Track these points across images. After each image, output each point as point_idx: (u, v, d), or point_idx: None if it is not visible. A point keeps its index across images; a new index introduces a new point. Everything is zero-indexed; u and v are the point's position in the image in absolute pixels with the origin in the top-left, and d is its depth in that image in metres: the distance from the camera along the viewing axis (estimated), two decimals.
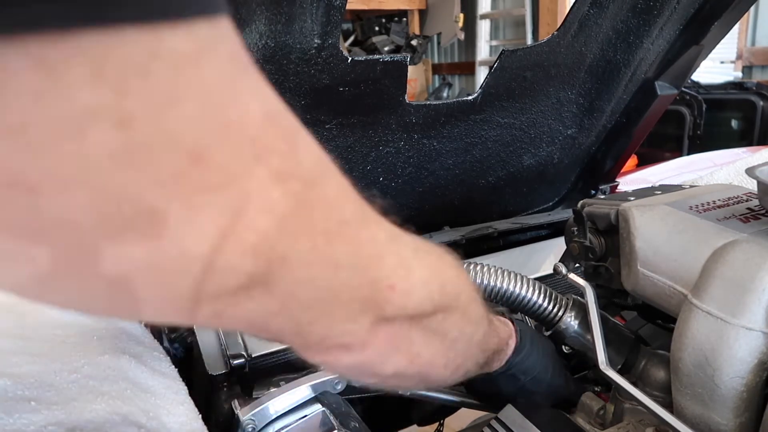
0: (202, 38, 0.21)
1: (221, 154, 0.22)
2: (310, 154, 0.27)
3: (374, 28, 5.52)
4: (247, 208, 0.23)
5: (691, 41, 1.10)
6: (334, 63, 0.78)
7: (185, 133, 0.20)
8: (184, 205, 0.21)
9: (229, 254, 0.23)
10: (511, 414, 0.64)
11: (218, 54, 0.21)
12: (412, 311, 0.36)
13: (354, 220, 0.31)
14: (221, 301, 0.25)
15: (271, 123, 0.24)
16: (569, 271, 0.72)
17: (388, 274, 0.33)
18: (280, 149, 0.25)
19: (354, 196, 0.31)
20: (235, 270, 0.24)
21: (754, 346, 0.51)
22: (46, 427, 0.51)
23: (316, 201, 0.27)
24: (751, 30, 3.48)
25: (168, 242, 0.21)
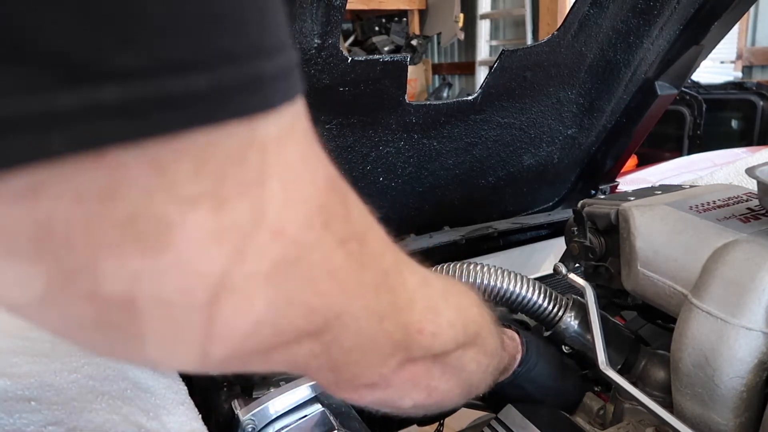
0: (286, 121, 0.22)
1: (296, 227, 0.23)
2: (358, 210, 0.29)
3: (374, 28, 5.52)
4: (316, 276, 0.25)
5: (691, 41, 1.10)
6: (334, 63, 0.78)
7: (269, 211, 0.22)
8: (263, 278, 0.23)
9: (293, 318, 0.25)
10: (511, 414, 0.64)
11: (297, 132, 0.23)
12: (437, 351, 0.37)
13: (392, 269, 0.32)
14: (275, 351, 0.26)
15: (332, 188, 0.26)
16: (569, 271, 0.72)
17: (419, 318, 0.35)
18: (339, 213, 0.27)
19: (389, 242, 0.33)
20: (295, 330, 0.26)
21: (754, 346, 0.51)
22: (46, 427, 0.51)
23: (368, 258, 0.29)
24: (751, 30, 3.48)
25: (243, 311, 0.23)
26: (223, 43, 0.19)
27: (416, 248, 1.08)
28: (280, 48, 0.21)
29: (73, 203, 0.18)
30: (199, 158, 0.19)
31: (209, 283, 0.21)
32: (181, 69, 0.18)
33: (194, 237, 0.20)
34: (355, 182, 0.31)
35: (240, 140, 0.20)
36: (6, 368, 0.58)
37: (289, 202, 0.23)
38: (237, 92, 0.19)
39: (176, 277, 0.20)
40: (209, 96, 0.18)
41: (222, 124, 0.19)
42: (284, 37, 0.22)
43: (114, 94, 0.16)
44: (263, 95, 0.20)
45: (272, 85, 0.21)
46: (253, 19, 0.20)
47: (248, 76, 0.20)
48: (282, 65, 0.21)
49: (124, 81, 0.16)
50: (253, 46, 0.20)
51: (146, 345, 0.22)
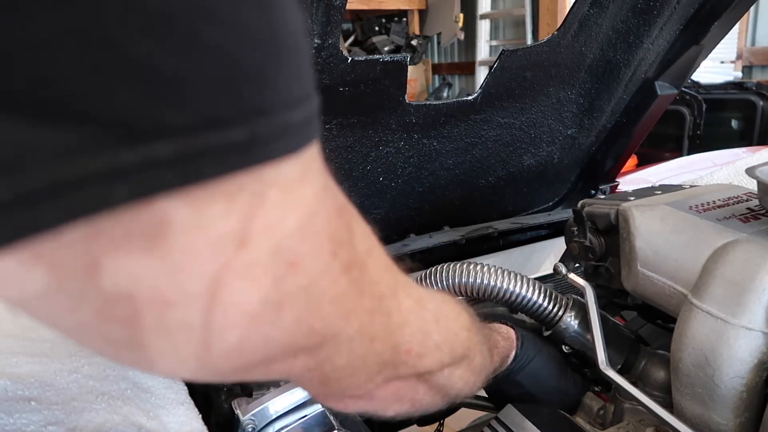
0: (305, 162, 0.24)
1: (309, 259, 0.26)
2: (361, 235, 0.31)
3: (374, 28, 5.52)
4: (321, 301, 0.27)
5: (691, 41, 1.10)
6: (334, 63, 0.78)
7: (287, 245, 0.24)
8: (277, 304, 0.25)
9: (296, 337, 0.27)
10: (511, 414, 0.64)
11: (313, 171, 0.25)
12: (422, 371, 0.39)
13: (388, 292, 0.34)
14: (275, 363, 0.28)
15: (340, 216, 0.28)
16: (569, 271, 0.72)
17: (408, 339, 0.36)
18: (345, 240, 0.29)
19: (388, 264, 0.35)
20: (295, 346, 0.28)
21: (754, 346, 0.51)
22: (46, 427, 0.51)
23: (367, 283, 0.31)
24: (751, 30, 3.48)
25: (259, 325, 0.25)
26: (257, 99, 0.21)
27: (416, 248, 1.08)
28: (306, 97, 0.24)
29: (122, 245, 0.20)
30: (229, 198, 0.22)
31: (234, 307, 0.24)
32: (221, 124, 0.20)
33: (221, 272, 0.22)
34: (355, 182, 0.31)
35: (265, 182, 0.23)
36: (6, 368, 0.58)
37: (304, 236, 0.25)
38: (268, 141, 0.22)
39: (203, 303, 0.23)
40: (245, 146, 0.21)
41: (253, 169, 0.22)
42: (310, 86, 0.24)
43: (167, 149, 0.19)
44: (289, 141, 0.23)
45: (297, 132, 0.23)
46: (283, 75, 0.22)
47: (278, 126, 0.22)
48: (307, 113, 0.24)
49: (174, 137, 0.19)
50: (283, 99, 0.22)
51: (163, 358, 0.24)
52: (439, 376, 0.42)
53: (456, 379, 0.44)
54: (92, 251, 0.20)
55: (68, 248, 0.20)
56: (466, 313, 0.46)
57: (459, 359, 0.44)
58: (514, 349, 0.65)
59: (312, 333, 0.28)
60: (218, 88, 0.20)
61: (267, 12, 0.21)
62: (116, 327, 0.23)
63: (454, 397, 0.46)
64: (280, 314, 0.25)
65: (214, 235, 0.22)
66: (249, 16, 0.20)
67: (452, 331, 0.43)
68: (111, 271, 0.21)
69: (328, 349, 0.30)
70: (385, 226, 1.13)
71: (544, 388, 0.66)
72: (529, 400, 0.66)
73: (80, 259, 0.20)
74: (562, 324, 0.69)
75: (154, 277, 0.21)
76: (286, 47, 0.22)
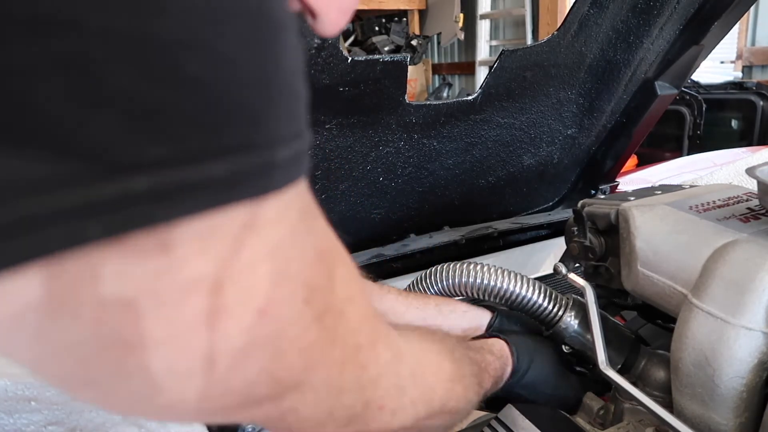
0: (284, 203, 0.23)
1: (279, 306, 0.24)
2: (344, 280, 0.29)
3: (374, 28, 5.52)
4: (288, 351, 0.26)
5: (691, 41, 1.10)
6: (334, 63, 0.78)
7: (258, 292, 0.23)
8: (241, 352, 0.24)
9: (258, 386, 0.26)
10: (511, 414, 0.64)
11: (293, 213, 0.24)
12: (396, 427, 0.37)
13: (366, 343, 0.32)
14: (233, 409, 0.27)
15: (320, 261, 0.27)
16: (569, 271, 0.72)
17: (381, 395, 0.35)
18: (323, 286, 0.27)
19: (370, 314, 0.33)
20: (257, 396, 0.26)
21: (754, 346, 0.51)
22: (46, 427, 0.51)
23: (342, 332, 0.29)
24: (751, 30, 3.48)
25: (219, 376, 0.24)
26: (241, 135, 0.20)
27: (416, 248, 1.08)
28: (295, 135, 0.23)
29: (90, 283, 0.19)
30: (202, 240, 0.21)
31: (195, 356, 0.23)
32: (201, 158, 0.19)
33: (188, 317, 0.21)
34: (355, 182, 0.31)
35: (241, 223, 0.22)
36: (6, 368, 0.58)
37: (277, 282, 0.24)
38: (249, 178, 0.21)
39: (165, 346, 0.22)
40: (224, 182, 0.20)
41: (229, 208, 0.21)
42: (301, 125, 0.23)
43: (143, 183, 0.18)
44: (271, 180, 0.22)
45: (281, 170, 0.22)
46: (272, 112, 0.21)
47: (261, 164, 0.21)
48: (294, 151, 0.23)
49: (152, 171, 0.18)
50: (269, 136, 0.21)
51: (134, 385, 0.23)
52: (413, 429, 0.40)
53: (432, 428, 0.43)
54: (64, 288, 0.19)
55: (39, 285, 0.19)
56: (448, 362, 0.45)
57: (437, 412, 0.42)
58: (509, 366, 0.63)
59: (275, 383, 0.27)
60: (198, 121, 0.19)
61: (259, 49, 0.21)
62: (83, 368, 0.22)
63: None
64: (244, 364, 0.24)
65: (187, 279, 0.21)
66: (238, 51, 0.20)
67: (429, 386, 0.41)
68: (83, 310, 0.20)
69: (292, 399, 0.28)
70: (385, 226, 1.13)
71: (542, 394, 0.66)
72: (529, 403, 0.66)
73: (52, 295, 0.19)
74: (562, 324, 0.69)
75: (124, 320, 0.20)
76: (278, 86, 0.22)
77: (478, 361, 0.57)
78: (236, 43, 0.19)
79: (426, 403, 0.40)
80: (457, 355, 0.48)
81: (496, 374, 0.61)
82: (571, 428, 0.66)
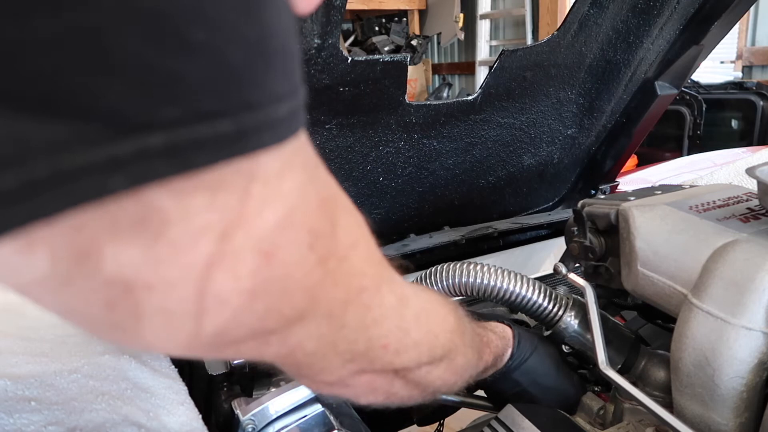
0: (286, 155, 0.25)
1: (284, 250, 0.26)
2: (347, 227, 0.31)
3: (374, 28, 5.52)
4: (293, 290, 0.28)
5: (691, 41, 1.10)
6: (334, 63, 0.78)
7: (265, 238, 0.25)
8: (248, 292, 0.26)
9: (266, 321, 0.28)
10: (511, 414, 0.64)
11: (295, 164, 0.26)
12: (398, 367, 0.40)
13: (371, 286, 0.34)
14: (244, 344, 0.29)
15: (322, 209, 0.29)
16: (569, 271, 0.72)
17: (385, 334, 0.37)
18: (326, 232, 0.29)
19: (376, 259, 0.35)
20: (265, 330, 0.29)
21: (754, 346, 0.51)
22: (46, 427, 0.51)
23: (344, 275, 0.32)
24: (751, 30, 3.48)
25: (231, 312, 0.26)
26: (243, 94, 0.22)
27: (416, 248, 1.08)
28: (292, 91, 0.24)
29: (115, 233, 0.21)
30: (211, 191, 0.23)
31: (208, 296, 0.25)
32: (210, 117, 0.21)
33: (197, 261, 0.23)
34: (355, 182, 0.32)
35: (244, 174, 0.23)
36: (6, 368, 0.58)
37: (282, 228, 0.26)
38: (255, 133, 0.23)
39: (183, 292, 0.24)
40: (233, 137, 0.22)
41: (235, 161, 0.22)
42: (296, 82, 0.25)
43: (160, 140, 0.20)
44: (274, 134, 0.24)
45: (281, 124, 0.24)
46: (270, 73, 0.23)
47: (265, 120, 0.23)
48: (291, 106, 0.24)
49: (166, 129, 0.20)
50: (268, 94, 0.23)
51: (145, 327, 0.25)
52: (416, 373, 0.42)
53: (434, 378, 0.45)
54: (88, 239, 0.21)
55: (66, 236, 0.21)
56: (452, 315, 0.47)
57: (438, 359, 0.44)
58: (510, 347, 0.64)
59: (281, 318, 0.29)
60: (208, 84, 0.21)
61: (256, 14, 0.22)
62: (108, 309, 0.24)
63: (431, 393, 0.47)
64: (253, 302, 0.26)
65: (197, 226, 0.23)
66: (238, 18, 0.21)
67: (433, 331, 0.43)
68: (105, 257, 0.22)
69: (298, 334, 0.31)
70: (385, 226, 1.13)
71: (540, 386, 0.66)
72: (527, 399, 0.66)
73: (77, 245, 0.21)
74: (562, 324, 0.69)
75: (141, 264, 0.22)
76: (274, 47, 0.23)
77: (480, 333, 0.58)
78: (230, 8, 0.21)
79: (429, 347, 0.42)
80: (460, 313, 0.49)
81: (497, 352, 0.62)
82: (571, 428, 0.66)
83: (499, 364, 0.63)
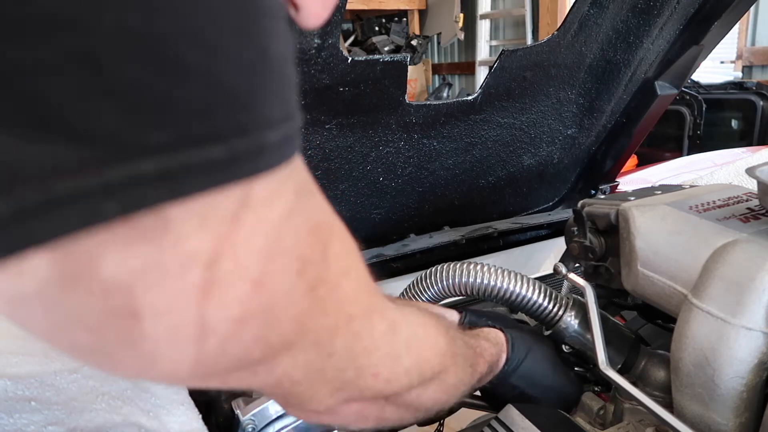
0: (278, 181, 0.25)
1: (274, 279, 0.26)
2: (339, 254, 0.30)
3: (374, 28, 5.52)
4: (281, 318, 0.27)
5: (691, 41, 1.10)
6: (334, 63, 0.78)
7: (253, 265, 0.25)
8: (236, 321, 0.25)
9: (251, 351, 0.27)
10: (511, 414, 0.64)
11: (287, 190, 0.26)
12: (388, 393, 0.39)
13: (360, 315, 0.34)
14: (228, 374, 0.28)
15: (314, 235, 0.28)
16: (569, 271, 0.72)
17: (375, 363, 0.36)
18: (316, 260, 0.28)
19: (367, 287, 0.34)
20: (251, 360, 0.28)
21: (754, 346, 0.51)
22: (46, 427, 0.51)
23: (334, 303, 0.31)
24: (751, 30, 3.48)
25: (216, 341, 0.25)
26: (236, 119, 0.22)
27: (416, 248, 1.08)
28: (286, 117, 0.24)
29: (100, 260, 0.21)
30: (201, 216, 0.22)
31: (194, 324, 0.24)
32: (202, 142, 0.21)
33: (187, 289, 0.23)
34: (355, 182, 0.31)
35: (236, 201, 0.23)
36: (6, 368, 0.58)
37: (270, 255, 0.25)
38: (244, 159, 0.22)
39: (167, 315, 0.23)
40: (224, 163, 0.21)
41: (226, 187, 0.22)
42: (292, 107, 0.25)
43: (152, 165, 0.19)
44: (263, 160, 0.23)
45: (273, 150, 0.23)
46: (265, 98, 0.23)
47: (254, 146, 0.22)
48: (285, 132, 0.24)
49: (157, 154, 0.20)
50: (262, 119, 0.23)
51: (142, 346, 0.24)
52: (406, 397, 0.41)
53: (425, 399, 0.44)
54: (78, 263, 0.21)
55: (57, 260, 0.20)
56: (443, 337, 0.46)
57: (429, 379, 0.43)
58: (505, 353, 0.64)
59: (267, 347, 0.28)
60: (201, 109, 0.20)
61: (255, 38, 0.22)
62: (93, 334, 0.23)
63: (423, 414, 0.46)
64: (240, 331, 0.26)
65: (187, 252, 0.22)
66: (234, 43, 0.21)
67: (423, 356, 0.42)
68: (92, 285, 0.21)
69: (285, 364, 0.30)
70: (385, 226, 1.13)
71: (539, 386, 0.66)
72: (526, 400, 0.66)
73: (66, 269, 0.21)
74: (562, 324, 0.69)
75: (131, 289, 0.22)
76: (270, 71, 0.23)
77: (473, 345, 0.58)
78: (228, 33, 0.21)
79: (419, 372, 0.41)
80: (451, 333, 0.49)
81: (491, 359, 0.62)
82: (571, 428, 0.66)
83: (494, 371, 0.63)
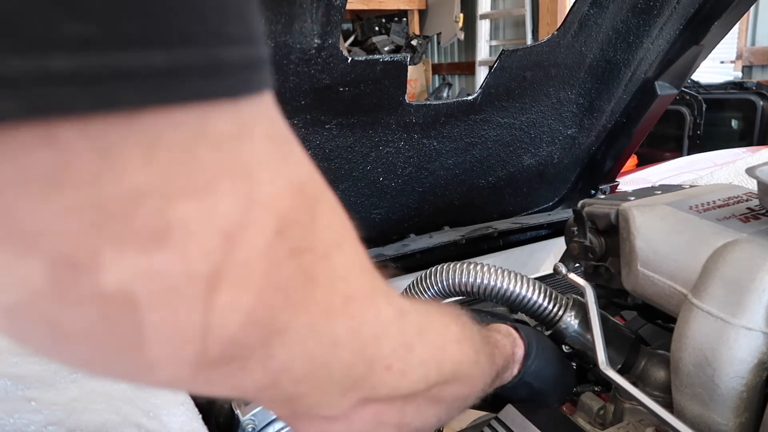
0: (244, 117, 0.21)
1: (248, 234, 0.22)
2: (328, 223, 0.27)
3: (374, 28, 5.52)
4: (262, 285, 0.23)
5: (691, 41, 1.10)
6: (334, 63, 0.78)
7: (218, 213, 0.21)
8: (206, 281, 0.22)
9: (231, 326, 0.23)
10: (511, 414, 0.64)
11: (256, 132, 0.22)
12: (405, 391, 0.35)
13: (361, 296, 0.30)
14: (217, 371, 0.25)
15: (298, 195, 0.25)
16: (569, 271, 0.72)
17: (387, 354, 0.32)
18: (301, 222, 0.25)
19: (366, 267, 0.30)
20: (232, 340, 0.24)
21: (754, 346, 0.51)
22: (46, 427, 0.51)
23: (326, 276, 0.27)
24: (751, 30, 3.48)
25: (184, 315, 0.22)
26: (180, 24, 0.18)
27: (416, 248, 1.08)
28: (245, 39, 0.21)
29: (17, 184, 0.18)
30: (147, 148, 0.19)
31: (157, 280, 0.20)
32: (135, 44, 0.17)
33: (138, 235, 0.19)
34: (355, 182, 0.31)
35: (188, 130, 0.20)
36: (6, 368, 0.58)
37: (243, 204, 0.22)
38: (193, 74, 0.19)
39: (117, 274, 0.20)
40: (164, 73, 0.18)
41: (173, 109, 0.19)
42: (252, 30, 0.21)
43: (64, 62, 0.16)
44: (221, 83, 0.20)
45: (232, 73, 0.20)
46: (214, 6, 0.19)
47: (205, 60, 0.19)
48: (245, 56, 0.21)
49: (75, 51, 0.16)
50: (213, 31, 0.19)
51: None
52: (426, 395, 0.37)
53: (446, 394, 0.40)
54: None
55: None
56: (454, 324, 0.42)
57: (450, 375, 0.39)
58: (518, 347, 0.62)
59: (252, 324, 0.24)
60: (131, 1, 0.17)
61: None
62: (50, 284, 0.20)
63: (446, 414, 0.42)
64: (213, 294, 0.22)
65: (129, 191, 0.19)
66: None
67: (439, 345, 0.38)
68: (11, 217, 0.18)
69: (279, 351, 0.26)
70: (385, 226, 1.13)
71: (550, 382, 0.65)
72: (538, 399, 0.65)
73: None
74: (562, 324, 0.69)
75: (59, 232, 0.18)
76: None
77: (487, 336, 0.54)
78: None
79: (436, 364, 0.37)
80: (464, 320, 0.45)
81: (506, 352, 0.59)
82: (571, 428, 0.66)
83: (509, 365, 0.60)
